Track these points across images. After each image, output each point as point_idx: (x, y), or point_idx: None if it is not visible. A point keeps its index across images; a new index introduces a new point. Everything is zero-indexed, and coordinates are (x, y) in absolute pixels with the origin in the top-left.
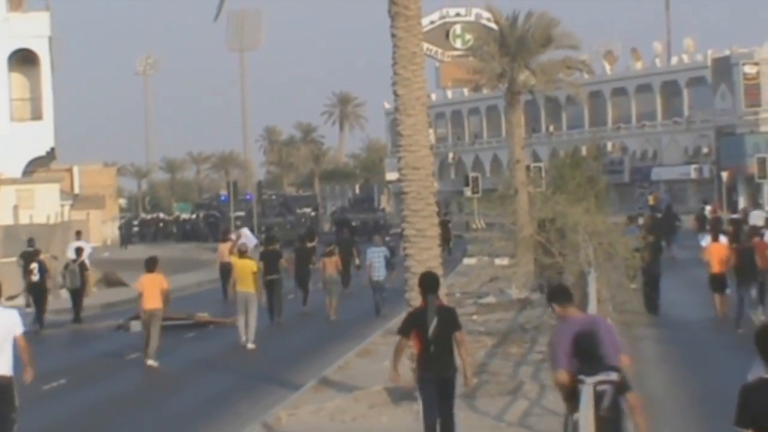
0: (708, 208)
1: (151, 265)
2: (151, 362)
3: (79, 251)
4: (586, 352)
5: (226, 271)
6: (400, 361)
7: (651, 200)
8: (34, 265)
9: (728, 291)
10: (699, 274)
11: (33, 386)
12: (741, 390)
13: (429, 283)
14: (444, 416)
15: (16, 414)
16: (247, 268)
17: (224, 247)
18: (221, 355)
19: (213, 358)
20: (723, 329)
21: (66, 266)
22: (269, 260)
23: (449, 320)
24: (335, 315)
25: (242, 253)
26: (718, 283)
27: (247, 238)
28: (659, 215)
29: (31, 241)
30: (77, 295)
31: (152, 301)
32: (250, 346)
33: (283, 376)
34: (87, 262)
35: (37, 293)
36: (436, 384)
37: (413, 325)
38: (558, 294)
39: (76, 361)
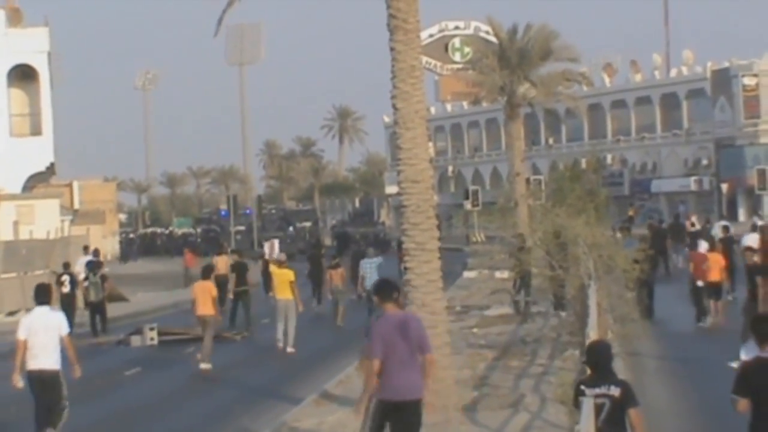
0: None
1: (206, 272)
2: (203, 366)
3: (98, 265)
4: (598, 362)
5: (220, 283)
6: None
7: (631, 212)
8: (66, 277)
9: (729, 297)
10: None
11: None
12: (741, 365)
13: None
14: None
15: (66, 402)
16: (285, 277)
17: (219, 261)
18: (221, 369)
19: (213, 372)
20: (721, 340)
21: (86, 278)
22: (238, 272)
23: None
24: (342, 322)
25: (280, 263)
26: (714, 290)
27: (275, 248)
28: (665, 226)
29: (96, 252)
30: (98, 308)
31: (203, 307)
32: (290, 350)
33: (284, 389)
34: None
35: (66, 305)
36: None
37: None
38: (380, 289)
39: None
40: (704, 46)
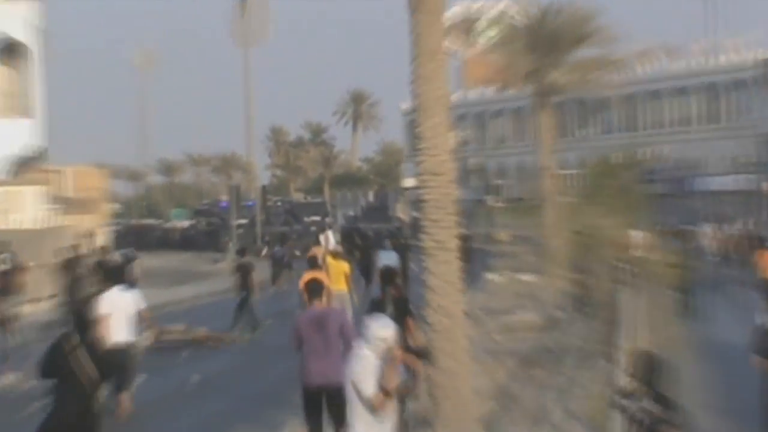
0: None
1: (337, 253)
2: None
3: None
4: (643, 375)
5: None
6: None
7: None
8: (5, 255)
9: None
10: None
11: (27, 401)
12: (756, 328)
13: (385, 276)
14: None
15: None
16: (340, 269)
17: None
18: (219, 374)
19: (211, 378)
20: None
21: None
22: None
23: (402, 308)
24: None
25: (335, 255)
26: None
27: (330, 240)
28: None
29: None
30: None
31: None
32: None
33: (286, 395)
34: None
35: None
36: None
37: (374, 312)
38: (310, 288)
39: None
40: (748, 34)
